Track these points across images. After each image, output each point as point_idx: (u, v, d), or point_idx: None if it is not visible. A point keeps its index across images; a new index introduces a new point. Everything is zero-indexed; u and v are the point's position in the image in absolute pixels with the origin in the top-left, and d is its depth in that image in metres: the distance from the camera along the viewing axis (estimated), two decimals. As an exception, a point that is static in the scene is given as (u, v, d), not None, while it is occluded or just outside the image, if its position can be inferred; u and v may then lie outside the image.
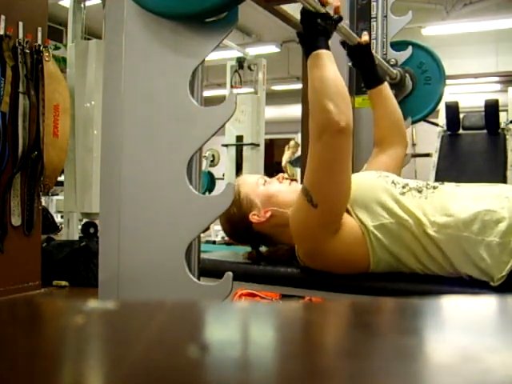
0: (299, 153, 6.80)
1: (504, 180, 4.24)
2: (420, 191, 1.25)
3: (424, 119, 2.10)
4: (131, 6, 1.04)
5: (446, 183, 1.31)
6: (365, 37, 1.57)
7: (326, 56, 1.20)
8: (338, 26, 1.30)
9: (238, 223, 1.41)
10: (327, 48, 1.22)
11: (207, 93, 10.09)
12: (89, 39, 4.17)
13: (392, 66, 1.96)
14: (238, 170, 6.16)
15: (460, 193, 1.24)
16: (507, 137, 4.61)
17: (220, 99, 0.96)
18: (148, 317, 0.36)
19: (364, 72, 1.64)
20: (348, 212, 1.24)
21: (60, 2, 5.81)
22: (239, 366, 0.27)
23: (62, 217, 5.69)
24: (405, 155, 1.68)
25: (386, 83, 1.65)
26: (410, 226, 1.20)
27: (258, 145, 6.11)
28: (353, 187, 1.23)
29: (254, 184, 1.41)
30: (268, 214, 1.36)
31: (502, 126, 4.68)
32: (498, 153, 4.56)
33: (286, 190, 1.39)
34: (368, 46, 1.58)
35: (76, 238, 4.14)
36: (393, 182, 1.29)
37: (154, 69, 1.03)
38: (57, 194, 6.53)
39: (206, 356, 0.28)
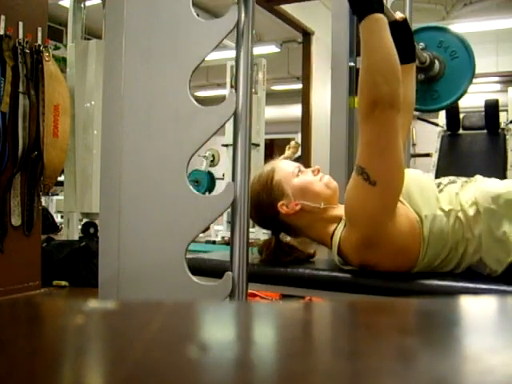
0: (299, 153, 6.80)
1: (504, 180, 4.24)
2: (454, 182, 1.33)
3: (459, 98, 2.00)
4: (131, 5, 1.04)
5: (476, 176, 1.36)
6: (400, 14, 1.55)
7: (382, 22, 1.17)
8: None
9: (265, 209, 1.39)
10: (381, 9, 1.17)
11: (207, 93, 10.09)
12: (89, 39, 4.17)
13: (421, 50, 1.94)
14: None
15: (489, 181, 1.32)
16: (507, 137, 4.61)
17: (220, 99, 0.96)
18: (148, 317, 0.36)
19: (400, 48, 1.61)
20: (402, 203, 1.25)
21: (60, 2, 5.81)
22: (239, 365, 0.27)
23: (62, 217, 5.69)
24: (410, 125, 1.68)
25: (415, 62, 1.63)
26: (453, 211, 1.25)
27: (257, 145, 6.11)
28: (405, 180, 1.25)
29: (289, 173, 1.38)
30: (298, 207, 1.34)
31: (502, 126, 4.68)
32: (498, 153, 4.56)
33: (320, 184, 1.36)
34: (406, 21, 1.55)
35: (76, 238, 4.14)
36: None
37: (153, 69, 1.03)
38: (57, 194, 6.54)
39: (206, 356, 0.28)
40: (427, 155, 4.92)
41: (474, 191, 1.27)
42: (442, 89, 1.89)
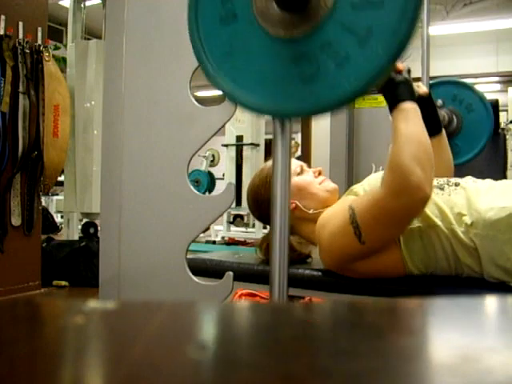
0: (299, 153, 6.80)
1: (504, 180, 4.23)
2: (442, 188, 1.23)
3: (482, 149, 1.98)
4: (131, 5, 1.04)
5: (467, 177, 1.28)
6: (423, 88, 1.49)
7: (415, 110, 1.16)
8: None
9: (262, 205, 1.43)
10: (412, 98, 1.16)
11: (207, 93, 10.08)
12: (89, 39, 4.17)
13: (439, 108, 1.91)
14: (238, 169, 6.16)
15: (483, 188, 1.21)
16: (507, 137, 4.61)
17: (220, 99, 0.96)
18: (148, 317, 0.36)
19: (426, 121, 1.51)
20: None
21: (60, 2, 5.81)
22: (239, 365, 0.27)
23: (62, 217, 5.69)
24: None
25: (443, 131, 1.55)
26: (439, 227, 1.17)
27: (257, 145, 6.10)
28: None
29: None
30: (292, 206, 1.36)
31: (502, 126, 4.68)
32: (498, 153, 4.55)
33: (317, 188, 1.38)
34: (430, 96, 1.50)
35: (76, 238, 4.14)
36: None
37: (154, 69, 1.03)
38: (57, 194, 6.54)
39: (206, 356, 0.28)
40: (427, 155, 4.91)
41: (467, 208, 1.17)
42: (462, 142, 1.91)
